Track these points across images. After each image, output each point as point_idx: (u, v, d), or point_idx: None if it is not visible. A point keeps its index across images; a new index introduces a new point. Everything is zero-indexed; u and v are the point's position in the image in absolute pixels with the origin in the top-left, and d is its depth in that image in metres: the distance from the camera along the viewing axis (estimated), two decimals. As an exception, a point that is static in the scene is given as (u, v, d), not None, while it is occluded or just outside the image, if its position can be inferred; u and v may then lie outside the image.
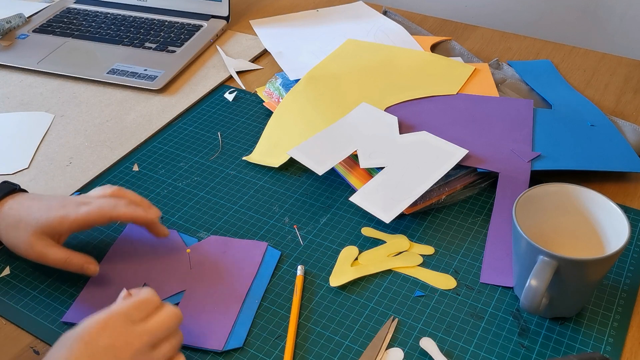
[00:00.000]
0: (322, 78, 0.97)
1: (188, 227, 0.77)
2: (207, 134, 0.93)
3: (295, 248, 0.74)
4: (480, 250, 0.73)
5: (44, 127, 0.95)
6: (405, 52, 1.03)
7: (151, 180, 0.84)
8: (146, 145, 0.91)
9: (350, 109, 0.88)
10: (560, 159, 0.80)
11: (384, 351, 0.62)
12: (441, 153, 0.79)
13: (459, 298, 0.68)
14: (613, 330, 0.64)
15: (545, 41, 1.12)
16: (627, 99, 0.97)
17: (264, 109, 0.97)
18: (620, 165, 0.80)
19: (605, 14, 1.20)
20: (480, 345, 0.63)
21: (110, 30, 1.16)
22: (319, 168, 0.80)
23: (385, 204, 0.74)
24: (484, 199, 0.80)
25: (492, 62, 1.03)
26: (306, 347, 0.63)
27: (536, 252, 0.59)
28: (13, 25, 1.17)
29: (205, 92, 1.01)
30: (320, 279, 0.70)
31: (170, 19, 1.19)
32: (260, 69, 1.08)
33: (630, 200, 0.79)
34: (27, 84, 1.05)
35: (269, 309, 0.67)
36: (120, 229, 0.76)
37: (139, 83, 1.02)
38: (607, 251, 0.62)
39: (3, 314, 0.68)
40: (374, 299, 0.68)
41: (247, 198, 0.81)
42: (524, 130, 0.85)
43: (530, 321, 0.65)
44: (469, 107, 0.90)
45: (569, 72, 1.04)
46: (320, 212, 0.79)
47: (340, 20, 1.19)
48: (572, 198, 0.66)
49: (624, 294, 0.67)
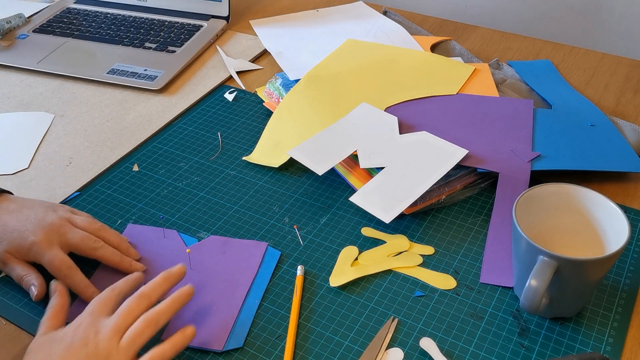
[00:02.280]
0: (322, 78, 0.97)
1: (188, 227, 0.77)
2: (207, 134, 0.92)
3: (295, 248, 0.74)
4: (480, 250, 0.73)
5: (44, 127, 0.95)
6: (405, 52, 1.03)
7: (151, 180, 0.84)
8: (146, 145, 0.91)
9: (350, 109, 0.88)
10: (560, 159, 0.80)
11: (384, 351, 0.62)
12: (441, 153, 0.79)
13: (459, 298, 0.68)
14: (613, 330, 0.64)
15: (545, 41, 1.12)
16: (627, 99, 0.97)
17: (264, 109, 0.97)
18: (620, 165, 0.80)
19: (605, 14, 1.20)
20: (480, 345, 0.63)
21: (110, 30, 1.16)
22: (319, 168, 0.79)
23: (385, 204, 0.74)
24: (484, 199, 0.80)
25: (492, 62, 1.03)
26: (306, 347, 0.63)
27: (536, 252, 0.59)
28: (13, 25, 1.17)
29: (205, 92, 1.01)
30: (320, 279, 0.70)
31: (170, 19, 1.19)
32: (260, 69, 1.08)
33: (630, 200, 0.79)
34: (27, 84, 1.05)
35: (269, 309, 0.67)
36: (121, 229, 0.76)
37: (139, 83, 1.02)
38: (607, 251, 0.62)
39: (3, 314, 0.68)
40: (374, 299, 0.68)
41: (247, 198, 0.81)
42: (524, 130, 0.85)
43: (530, 321, 0.65)
44: (469, 107, 0.90)
45: (569, 72, 1.04)
46: (320, 212, 0.79)
47: (340, 20, 1.19)
48: (572, 198, 0.66)
49: (624, 294, 0.67)
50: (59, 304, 0.63)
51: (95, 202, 0.81)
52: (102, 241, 0.70)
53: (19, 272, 0.67)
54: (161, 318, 0.60)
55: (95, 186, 0.84)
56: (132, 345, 0.57)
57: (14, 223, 0.68)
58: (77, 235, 0.69)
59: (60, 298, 0.64)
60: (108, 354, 0.56)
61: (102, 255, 0.69)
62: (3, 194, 0.72)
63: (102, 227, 0.72)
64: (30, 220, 0.68)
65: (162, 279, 0.63)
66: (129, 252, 0.71)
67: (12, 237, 0.67)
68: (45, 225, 0.68)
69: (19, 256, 0.68)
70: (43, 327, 0.60)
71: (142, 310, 0.60)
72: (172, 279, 0.63)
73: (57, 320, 0.61)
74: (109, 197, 0.82)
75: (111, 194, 0.82)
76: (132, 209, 0.80)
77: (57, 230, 0.68)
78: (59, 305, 0.63)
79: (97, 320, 0.58)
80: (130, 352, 0.57)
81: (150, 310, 0.60)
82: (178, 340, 0.59)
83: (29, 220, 0.68)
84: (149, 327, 0.58)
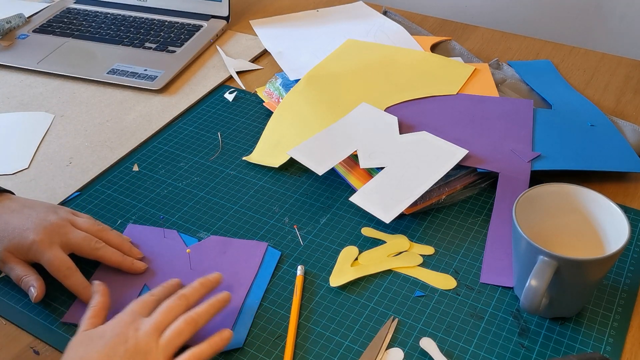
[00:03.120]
0: (322, 78, 0.97)
1: (188, 227, 0.77)
2: (207, 134, 0.93)
3: (295, 248, 0.74)
4: (480, 250, 0.73)
5: (44, 127, 0.95)
6: (405, 52, 1.03)
7: (151, 180, 0.84)
8: (146, 145, 0.91)
9: (350, 109, 0.88)
10: (560, 159, 0.80)
11: (384, 351, 0.62)
12: (441, 153, 0.79)
13: (459, 298, 0.68)
14: (613, 330, 0.64)
15: (545, 41, 1.12)
16: (627, 99, 0.97)
17: (264, 109, 0.97)
18: (620, 165, 0.80)
19: (605, 14, 1.20)
20: (480, 345, 0.63)
21: (110, 30, 1.16)
22: (319, 168, 0.80)
23: (385, 204, 0.74)
24: (484, 199, 0.80)
25: (492, 62, 1.03)
26: (306, 347, 0.63)
27: (536, 252, 0.59)
28: (13, 25, 1.17)
29: (205, 92, 1.01)
30: (320, 279, 0.70)
31: (170, 19, 1.19)
32: (260, 69, 1.08)
33: (630, 200, 0.79)
34: (27, 84, 1.05)
35: (269, 309, 0.67)
36: (121, 230, 0.76)
37: (139, 83, 1.02)
38: (607, 251, 0.62)
39: (3, 314, 0.68)
40: (374, 299, 0.68)
41: (247, 198, 0.81)
42: (524, 130, 0.85)
43: (530, 321, 0.65)
44: (469, 107, 0.90)
45: (569, 72, 1.04)
46: (320, 212, 0.79)
47: (340, 20, 1.19)
48: (572, 198, 0.66)
49: (624, 294, 0.67)
50: (101, 303, 0.63)
51: (95, 202, 0.81)
52: (103, 242, 0.70)
53: (18, 272, 0.67)
54: (200, 319, 0.60)
55: (95, 186, 0.84)
56: (172, 344, 0.57)
57: (15, 222, 0.68)
58: (78, 236, 0.69)
59: (102, 297, 0.63)
60: (147, 350, 0.56)
61: (103, 255, 0.69)
62: (4, 194, 0.72)
63: (104, 228, 0.72)
64: (32, 219, 0.68)
65: (199, 284, 0.64)
66: (132, 252, 0.71)
67: (12, 236, 0.67)
68: (46, 224, 0.68)
69: (18, 255, 0.67)
70: (84, 325, 0.60)
71: (182, 310, 0.60)
72: (208, 284, 0.64)
73: (98, 319, 0.61)
74: (109, 197, 0.82)
75: (111, 194, 0.82)
76: (132, 209, 0.80)
77: (58, 230, 0.68)
78: (100, 304, 0.63)
79: (137, 319, 0.59)
80: (170, 350, 0.57)
81: (189, 311, 0.60)
82: (215, 342, 0.59)
83: (30, 219, 0.68)
84: (189, 326, 0.59)
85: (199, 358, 0.58)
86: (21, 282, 0.67)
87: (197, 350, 0.58)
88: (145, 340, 0.57)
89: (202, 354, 0.58)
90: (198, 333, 0.60)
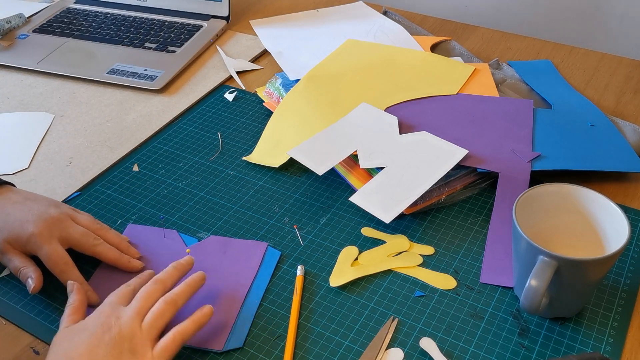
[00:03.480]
0: (322, 78, 0.97)
1: (188, 227, 0.77)
2: (207, 134, 0.93)
3: (295, 248, 0.74)
4: (480, 250, 0.73)
5: (44, 127, 0.95)
6: (405, 52, 1.03)
7: (151, 180, 0.84)
8: (146, 145, 0.91)
9: (350, 109, 0.88)
10: (560, 159, 0.80)
11: (384, 351, 0.62)
12: (441, 153, 0.79)
13: (459, 298, 0.68)
14: (613, 330, 0.64)
15: (545, 41, 1.12)
16: (627, 99, 0.97)
17: (264, 109, 0.97)
18: (620, 165, 0.80)
19: (605, 14, 1.20)
20: (480, 345, 0.63)
21: (110, 30, 1.16)
22: (319, 168, 0.80)
23: (385, 204, 0.74)
24: (484, 199, 0.80)
25: (492, 62, 1.03)
26: (306, 347, 0.63)
27: (536, 252, 0.59)
28: (13, 25, 1.17)
29: (205, 92, 1.01)
30: (320, 279, 0.70)
31: (170, 19, 1.19)
32: (260, 69, 1.08)
33: (630, 200, 0.79)
34: (27, 84, 1.05)
35: (269, 309, 0.67)
36: (121, 229, 0.76)
37: (139, 83, 1.02)
38: (607, 251, 0.62)
39: (3, 314, 0.68)
40: (374, 299, 0.68)
41: (247, 198, 0.81)
42: (524, 130, 0.85)
43: (530, 321, 0.65)
44: (469, 107, 0.90)
45: (569, 72, 1.04)
46: (320, 212, 0.79)
47: (340, 20, 1.19)
48: (572, 198, 0.66)
49: (624, 294, 0.67)
50: (78, 300, 0.63)
51: (95, 202, 0.81)
52: (101, 239, 0.70)
53: (17, 263, 0.67)
54: (179, 299, 0.61)
55: (95, 186, 0.84)
56: (155, 325, 0.58)
57: (17, 213, 0.68)
58: (78, 231, 0.69)
59: (78, 295, 0.64)
60: (132, 335, 0.57)
61: (101, 251, 0.69)
62: (6, 186, 0.73)
63: (103, 227, 0.72)
64: (33, 211, 0.68)
65: (172, 268, 0.65)
66: (129, 251, 0.72)
67: (12, 227, 0.67)
68: (47, 217, 0.68)
69: (17, 246, 0.68)
70: (64, 322, 0.60)
71: (159, 294, 0.61)
72: (181, 268, 0.65)
73: (78, 315, 0.62)
74: (109, 197, 0.82)
75: (111, 194, 0.82)
76: (132, 209, 0.80)
77: (58, 224, 0.68)
78: (78, 302, 0.63)
79: (117, 308, 0.60)
80: (154, 332, 0.58)
81: (168, 293, 0.62)
82: (198, 317, 0.61)
83: (32, 211, 0.68)
84: (169, 307, 0.60)
85: (183, 335, 0.59)
86: (19, 273, 0.67)
87: (181, 328, 0.59)
88: (129, 325, 0.57)
89: (186, 330, 0.59)
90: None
